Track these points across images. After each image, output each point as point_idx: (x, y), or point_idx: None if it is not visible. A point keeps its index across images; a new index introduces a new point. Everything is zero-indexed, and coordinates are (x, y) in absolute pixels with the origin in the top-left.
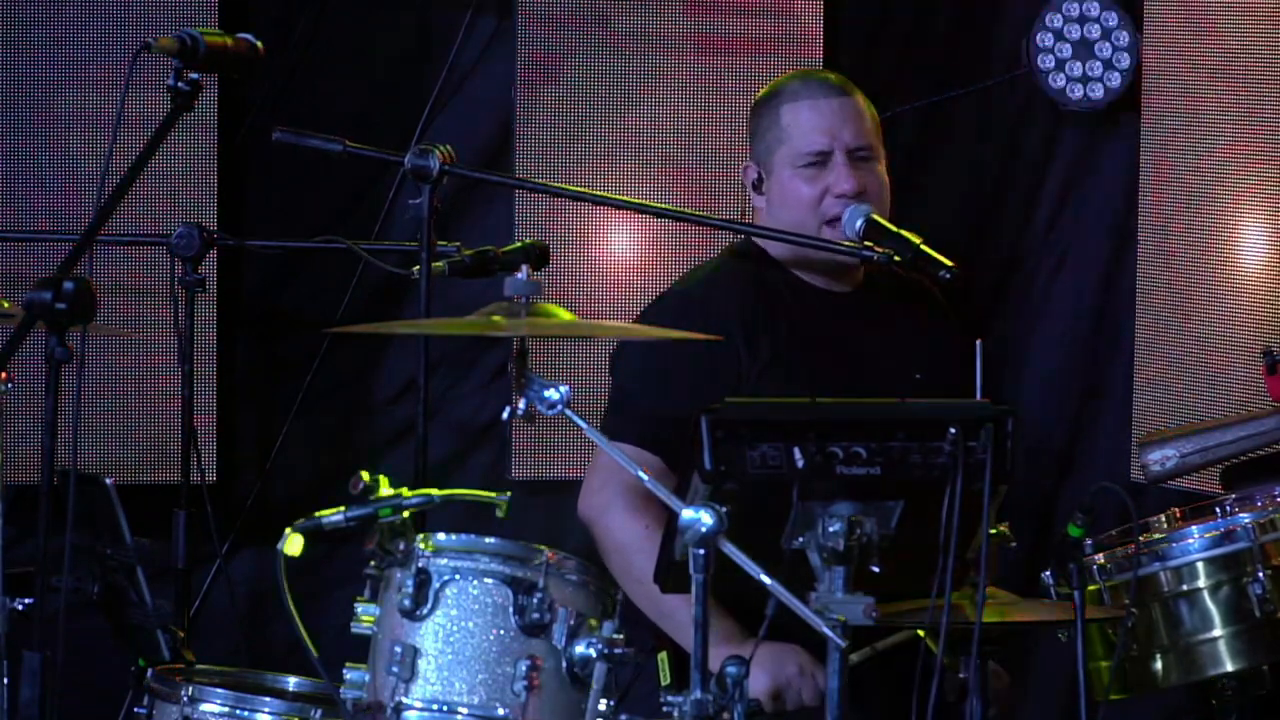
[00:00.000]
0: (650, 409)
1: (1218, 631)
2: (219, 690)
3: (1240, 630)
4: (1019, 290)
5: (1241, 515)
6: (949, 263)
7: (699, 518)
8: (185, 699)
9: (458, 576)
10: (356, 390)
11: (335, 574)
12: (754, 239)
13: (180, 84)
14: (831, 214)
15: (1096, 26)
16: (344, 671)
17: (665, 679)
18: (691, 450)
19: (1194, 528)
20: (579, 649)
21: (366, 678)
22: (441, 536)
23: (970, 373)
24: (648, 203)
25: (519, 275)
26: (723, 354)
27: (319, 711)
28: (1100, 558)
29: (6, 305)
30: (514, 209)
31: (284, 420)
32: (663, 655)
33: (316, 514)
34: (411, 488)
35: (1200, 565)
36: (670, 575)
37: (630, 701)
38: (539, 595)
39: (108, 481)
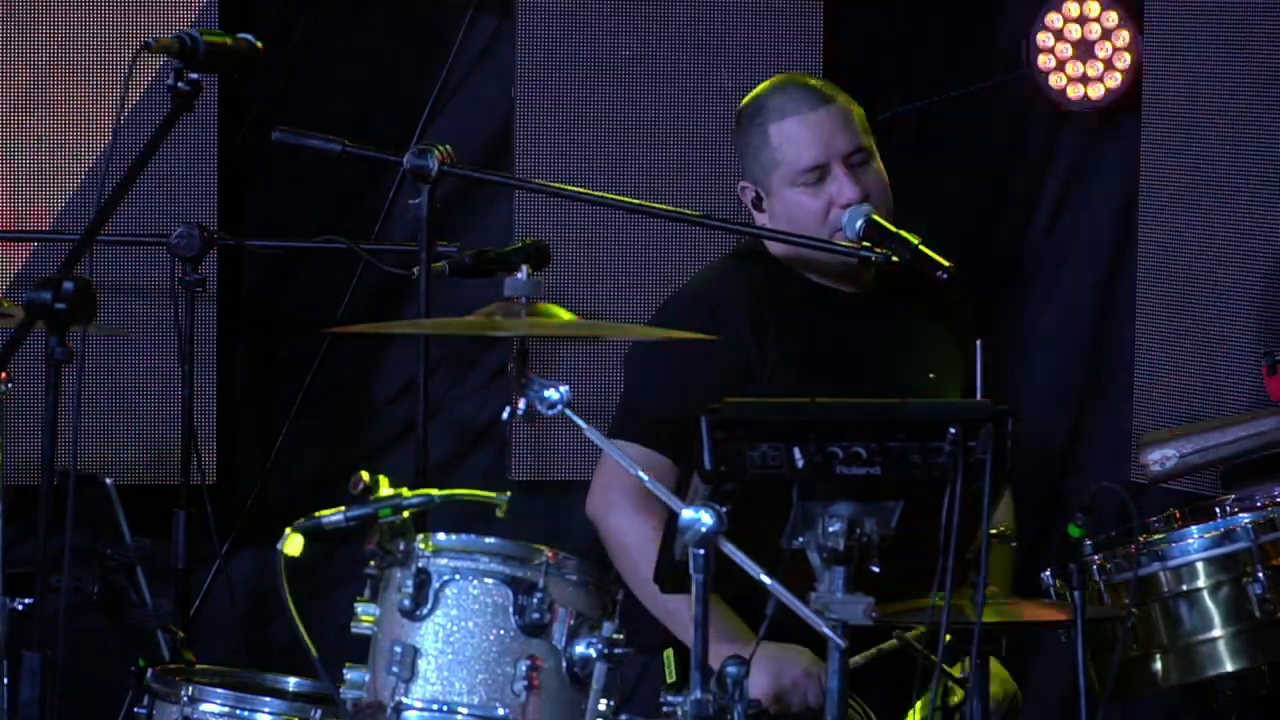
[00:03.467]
0: (657, 410)
1: (1218, 631)
2: (219, 690)
3: (1240, 630)
4: (1019, 290)
5: (1241, 515)
6: (946, 263)
7: (699, 518)
8: (185, 699)
9: (458, 576)
10: (356, 390)
11: (335, 574)
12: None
13: (180, 84)
14: (840, 224)
15: (1096, 26)
16: (344, 671)
17: (670, 676)
18: (690, 451)
19: (1194, 528)
20: (579, 649)
21: (366, 678)
22: (441, 536)
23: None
24: (648, 203)
25: (519, 275)
26: (732, 354)
27: (319, 711)
28: (1100, 558)
29: (6, 305)
30: (514, 209)
31: (284, 420)
32: (668, 653)
33: (316, 514)
34: (411, 488)
35: (1200, 565)
36: (670, 575)
37: (637, 699)
38: (539, 595)
39: (108, 481)
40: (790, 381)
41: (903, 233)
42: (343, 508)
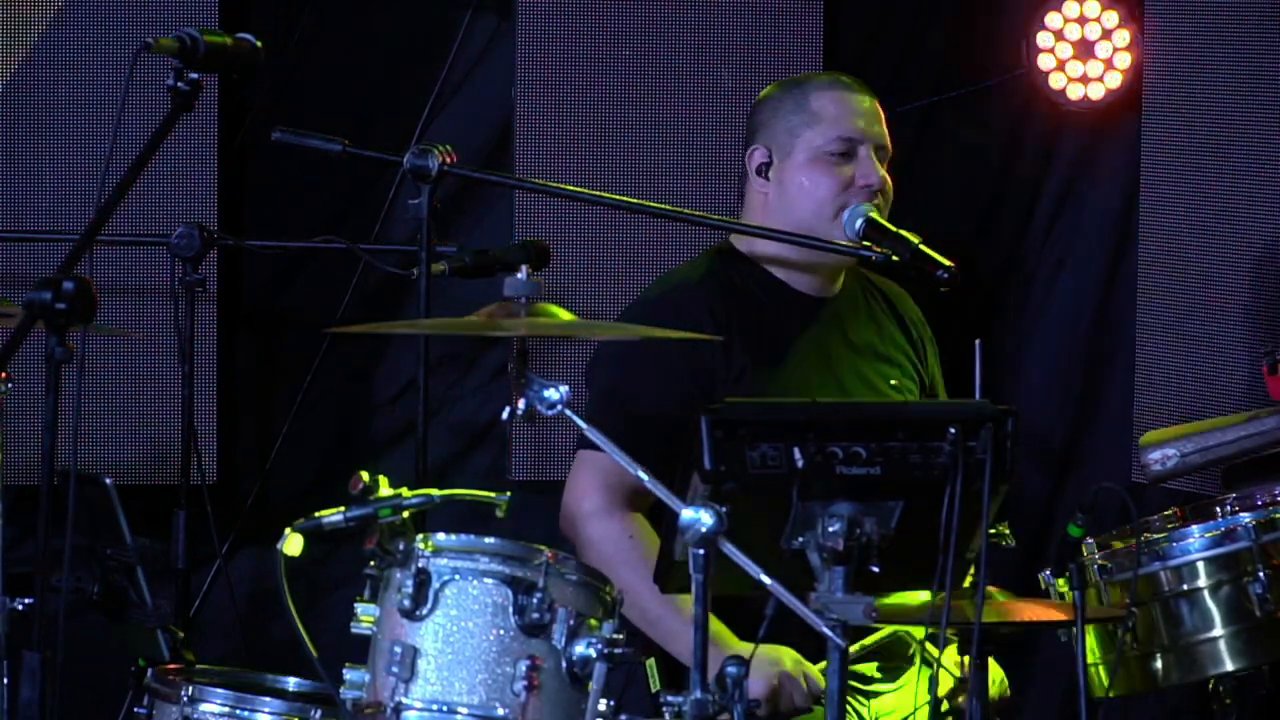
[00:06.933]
0: (625, 416)
1: (1218, 631)
2: (219, 690)
3: (1240, 630)
4: (1019, 290)
5: (1241, 515)
6: (947, 262)
7: (699, 518)
8: (185, 699)
9: (457, 576)
10: (356, 390)
11: (335, 574)
12: (732, 239)
13: (180, 84)
14: (853, 203)
15: (1096, 26)
16: (344, 671)
17: (655, 685)
18: (690, 451)
19: (1194, 528)
20: (579, 649)
21: (366, 678)
22: (441, 536)
23: (963, 377)
24: (648, 203)
25: (519, 275)
26: (698, 359)
27: (319, 711)
28: (1100, 558)
29: (7, 305)
30: (514, 209)
31: (284, 420)
32: (651, 661)
33: (316, 514)
34: (411, 488)
35: (1200, 565)
36: (670, 575)
37: (626, 705)
38: (539, 595)
39: (108, 481)
40: (751, 388)
41: (903, 232)
42: (342, 508)
